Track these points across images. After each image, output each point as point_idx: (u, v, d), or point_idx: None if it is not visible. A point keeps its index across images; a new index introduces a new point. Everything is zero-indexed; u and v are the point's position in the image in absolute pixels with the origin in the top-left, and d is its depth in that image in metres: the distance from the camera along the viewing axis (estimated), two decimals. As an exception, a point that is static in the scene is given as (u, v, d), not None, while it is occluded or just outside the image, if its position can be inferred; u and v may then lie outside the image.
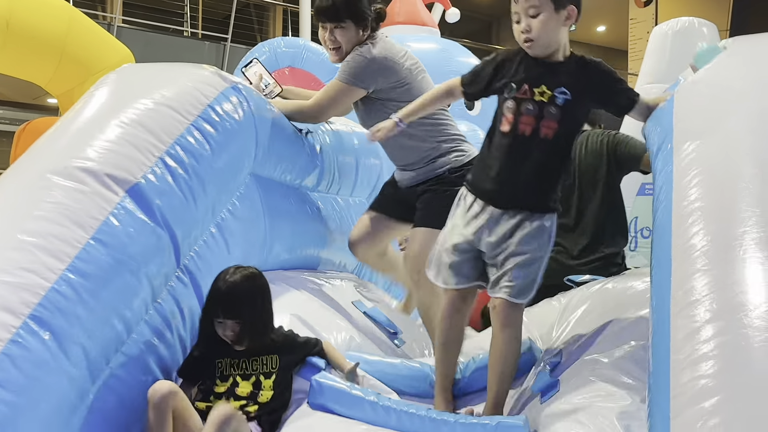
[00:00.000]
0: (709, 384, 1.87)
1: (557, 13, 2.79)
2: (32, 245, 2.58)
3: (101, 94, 3.26)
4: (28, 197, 2.79)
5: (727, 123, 2.56)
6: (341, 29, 3.78)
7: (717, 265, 2.14)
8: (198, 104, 3.24)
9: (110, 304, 2.73)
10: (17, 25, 6.64)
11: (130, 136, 3.01)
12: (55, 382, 2.49)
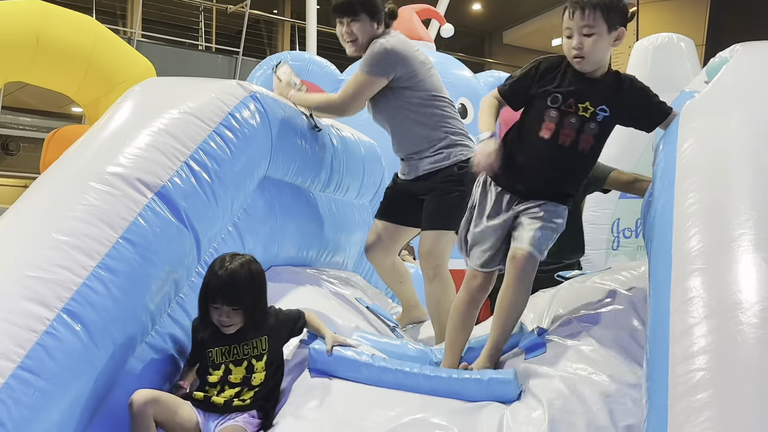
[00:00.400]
0: (705, 377, 1.87)
1: (609, 34, 2.80)
2: (66, 244, 2.62)
3: (129, 105, 3.28)
4: (63, 200, 2.81)
5: (727, 126, 2.55)
6: (357, 23, 3.79)
7: (714, 265, 2.13)
8: (220, 112, 3.27)
9: (137, 298, 2.77)
10: (47, 41, 6.67)
11: (158, 142, 3.04)
12: (86, 371, 2.53)
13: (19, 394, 2.30)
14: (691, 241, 2.24)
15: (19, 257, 2.59)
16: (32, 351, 2.36)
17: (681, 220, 2.34)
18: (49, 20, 6.78)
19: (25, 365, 2.32)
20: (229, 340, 2.84)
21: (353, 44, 3.85)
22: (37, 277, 2.51)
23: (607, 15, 2.76)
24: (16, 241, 2.69)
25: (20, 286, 2.48)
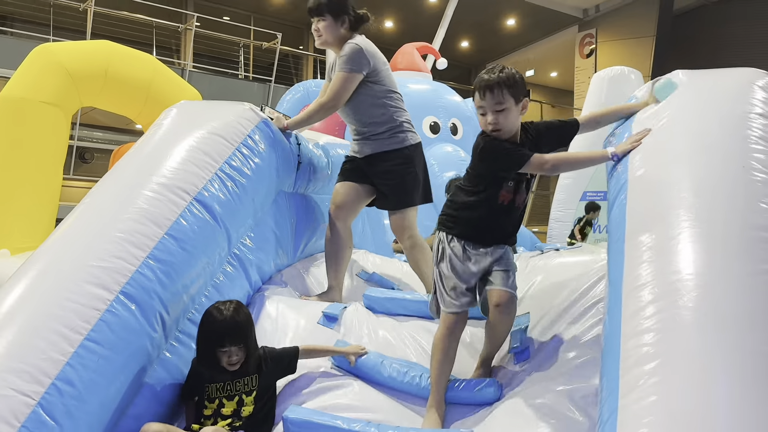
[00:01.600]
0: (651, 351, 1.87)
1: (516, 106, 2.72)
2: (122, 239, 2.67)
3: (168, 123, 3.32)
4: (119, 204, 2.85)
5: (671, 141, 2.53)
6: (324, 21, 3.73)
7: (659, 257, 2.12)
8: (240, 134, 3.32)
9: (180, 282, 2.81)
10: (114, 75, 6.76)
11: (193, 158, 3.08)
12: (139, 342, 2.58)
13: (86, 360, 2.34)
14: (640, 237, 2.24)
15: (85, 250, 2.62)
16: (96, 326, 2.40)
17: (632, 220, 2.34)
18: (116, 58, 6.86)
19: (90, 337, 2.37)
20: (224, 378, 2.71)
21: (319, 38, 3.79)
22: (99, 266, 2.55)
23: (512, 91, 2.69)
24: (82, 237, 2.71)
25: (86, 274, 2.52)
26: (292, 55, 19.03)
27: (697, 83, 2.84)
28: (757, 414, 1.66)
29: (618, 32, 20.67)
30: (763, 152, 2.33)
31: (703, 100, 2.71)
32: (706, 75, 2.88)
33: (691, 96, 2.78)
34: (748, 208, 2.15)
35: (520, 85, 2.73)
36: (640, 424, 1.70)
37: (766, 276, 1.95)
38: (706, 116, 2.59)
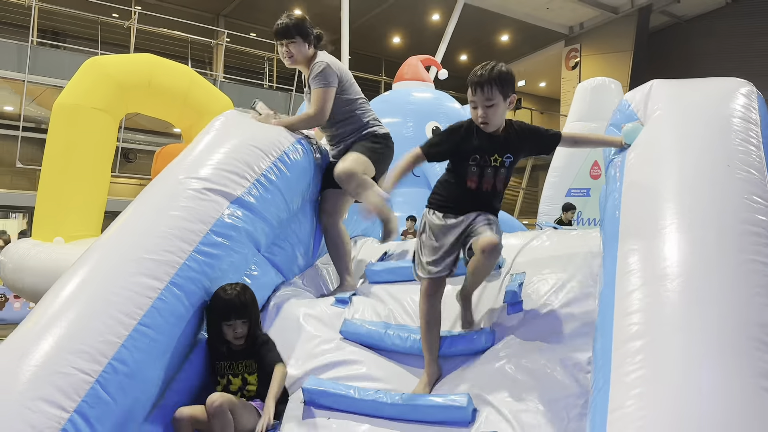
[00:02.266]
0: (640, 329, 1.89)
1: (505, 102, 2.67)
2: (171, 234, 2.67)
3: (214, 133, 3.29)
4: (168, 202, 2.83)
5: (660, 145, 2.52)
6: (294, 44, 3.62)
7: (648, 246, 2.13)
8: (278, 149, 3.27)
9: (222, 272, 2.80)
10: (156, 84, 6.78)
11: (235, 165, 3.06)
12: (184, 326, 2.58)
13: (139, 342, 2.35)
14: (631, 228, 2.25)
15: (138, 244, 2.63)
16: (148, 312, 2.41)
17: (625, 212, 2.33)
18: (158, 69, 6.89)
19: (143, 322, 2.38)
20: (230, 357, 2.68)
21: (291, 59, 3.66)
22: (151, 258, 2.56)
23: (501, 88, 2.62)
24: (135, 233, 2.71)
25: (139, 266, 2.52)
26: (310, 66, 18.97)
27: (685, 91, 2.82)
28: (735, 384, 1.67)
29: (600, 47, 20.64)
30: (745, 152, 2.32)
31: (691, 105, 2.69)
32: (693, 83, 2.86)
33: (680, 101, 2.76)
34: (733, 203, 2.14)
35: (509, 83, 2.68)
36: (630, 394, 1.73)
37: (749, 265, 1.95)
38: (693, 119, 2.57)
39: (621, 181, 2.47)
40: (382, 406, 2.49)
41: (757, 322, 1.80)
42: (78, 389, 2.10)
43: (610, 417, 1.74)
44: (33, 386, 2.06)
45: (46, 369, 2.11)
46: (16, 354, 2.19)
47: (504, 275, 3.03)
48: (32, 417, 2.00)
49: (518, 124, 2.82)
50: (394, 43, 21.61)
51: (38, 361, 2.13)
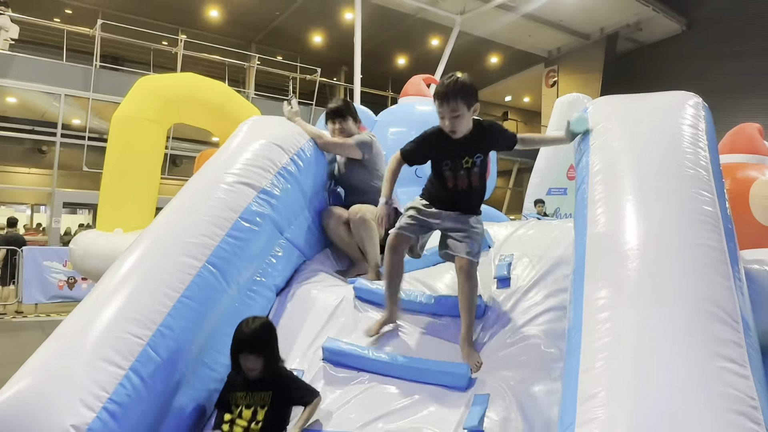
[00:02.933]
0: (606, 303, 1.88)
1: (469, 111, 2.56)
2: (206, 221, 2.66)
3: (242, 135, 3.25)
4: (204, 195, 2.83)
5: (618, 144, 2.49)
6: (346, 122, 3.59)
7: (611, 226, 2.13)
8: (295, 145, 3.23)
9: (250, 254, 2.79)
10: (197, 98, 6.77)
11: (260, 162, 3.03)
12: (220, 298, 2.58)
13: (181, 311, 2.36)
14: (597, 216, 2.23)
15: (180, 230, 2.63)
16: (189, 286, 2.42)
17: (592, 202, 2.31)
18: (198, 86, 6.89)
19: (185, 294, 2.39)
20: (246, 388, 2.31)
21: (342, 133, 3.58)
22: (191, 242, 2.56)
23: (465, 100, 2.50)
24: (178, 221, 2.71)
25: (181, 248, 2.53)
26: (327, 84, 19.01)
27: (641, 100, 2.79)
28: (687, 347, 1.67)
29: (574, 68, 20.63)
30: (692, 153, 2.31)
31: (646, 113, 2.66)
32: (648, 96, 2.83)
33: (635, 109, 2.73)
34: (683, 196, 2.13)
35: (472, 93, 2.54)
36: (598, 357, 1.73)
37: (698, 248, 1.95)
38: (648, 126, 2.55)
39: (587, 180, 2.44)
40: (393, 366, 2.48)
41: (705, 296, 1.80)
42: (132, 351, 2.12)
43: (581, 377, 1.74)
44: (95, 349, 2.09)
45: (105, 334, 2.14)
46: (82, 323, 2.22)
47: (494, 256, 3.01)
48: (95, 374, 2.02)
49: (487, 123, 2.71)
50: (400, 64, 21.58)
51: (99, 328, 2.16)
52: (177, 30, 16.71)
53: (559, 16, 18.50)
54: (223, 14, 18.42)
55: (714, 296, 1.80)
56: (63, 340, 2.17)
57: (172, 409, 2.29)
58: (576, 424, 1.61)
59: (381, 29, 18.03)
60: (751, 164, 6.44)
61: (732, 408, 1.51)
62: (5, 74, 12.93)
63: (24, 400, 1.97)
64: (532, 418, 2.15)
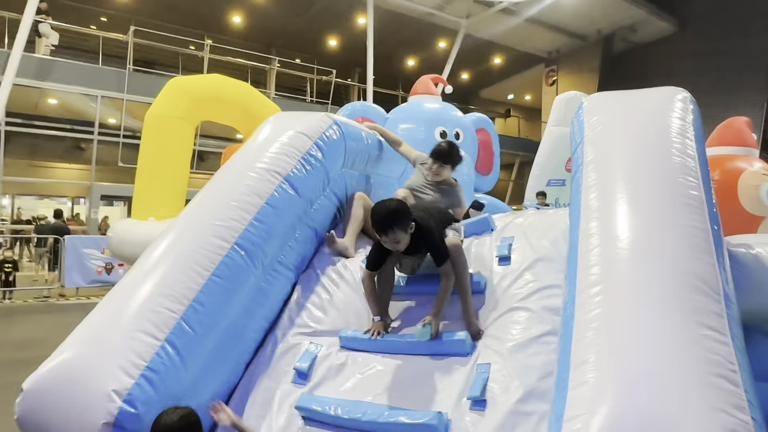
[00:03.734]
0: (598, 278, 1.89)
1: (406, 233, 2.48)
2: (235, 207, 2.65)
3: (268, 127, 3.24)
4: (233, 181, 2.83)
5: (606, 135, 2.49)
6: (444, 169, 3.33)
7: (604, 214, 2.12)
8: (317, 131, 3.16)
9: (274, 236, 2.77)
10: (222, 97, 6.79)
11: (284, 150, 3.00)
12: (247, 277, 2.57)
13: (212, 289, 2.37)
14: (590, 200, 2.22)
15: (211, 215, 2.63)
16: (219, 266, 2.43)
17: (585, 188, 2.31)
18: (223, 86, 6.89)
19: (215, 273, 2.40)
20: None
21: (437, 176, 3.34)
22: (221, 225, 2.56)
23: (400, 226, 2.44)
24: (208, 206, 2.71)
25: (212, 230, 2.54)
26: (342, 85, 18.99)
27: (633, 96, 2.77)
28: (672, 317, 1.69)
29: (573, 68, 20.44)
30: (680, 143, 2.30)
31: (637, 107, 2.64)
32: (638, 91, 2.82)
33: (627, 103, 2.71)
34: (671, 182, 2.13)
35: (404, 217, 2.47)
36: (590, 327, 1.75)
37: (684, 228, 1.95)
38: (639, 119, 2.53)
39: (581, 169, 2.44)
40: (398, 344, 2.49)
41: (689, 271, 1.81)
42: (167, 324, 2.16)
43: (574, 345, 1.76)
44: (133, 322, 2.13)
45: (143, 309, 2.18)
46: (121, 299, 2.25)
47: (496, 238, 3.01)
48: (134, 344, 2.07)
49: (426, 230, 2.56)
50: (409, 65, 21.49)
51: (137, 303, 2.20)
52: (203, 35, 16.78)
53: (558, 19, 18.33)
54: (246, 20, 18.43)
55: (697, 271, 1.81)
56: (103, 315, 2.21)
57: (206, 379, 2.33)
58: (569, 387, 1.64)
59: (392, 33, 17.94)
60: (740, 156, 6.38)
61: (712, 371, 1.53)
62: (47, 77, 13.06)
63: (68, 368, 2.02)
64: (530, 385, 2.16)
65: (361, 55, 16.07)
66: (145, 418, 1.96)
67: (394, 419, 2.14)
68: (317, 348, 2.61)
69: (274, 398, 2.44)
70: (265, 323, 2.76)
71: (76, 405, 1.94)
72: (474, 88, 24.19)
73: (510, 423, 2.05)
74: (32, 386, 2.02)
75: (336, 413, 2.21)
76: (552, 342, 2.27)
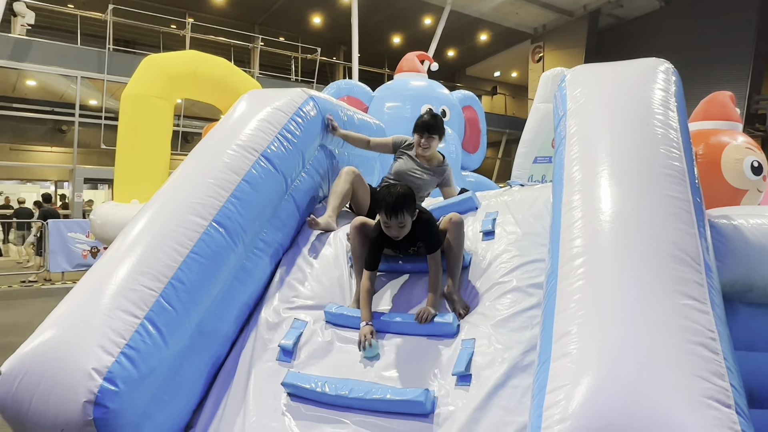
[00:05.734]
0: (580, 251, 1.88)
1: (412, 216, 2.53)
2: (212, 184, 2.62)
3: (244, 104, 3.16)
4: (209, 159, 2.77)
5: (592, 110, 2.46)
6: (433, 140, 3.25)
7: (586, 188, 2.10)
8: (293, 106, 3.12)
9: (253, 213, 2.72)
10: (200, 74, 6.68)
11: (261, 126, 2.95)
12: (227, 254, 2.54)
13: (191, 266, 2.34)
14: (573, 173, 2.21)
15: (187, 193, 2.58)
16: (197, 243, 2.39)
17: (568, 161, 2.29)
18: (200, 62, 6.79)
19: (193, 250, 2.37)
20: None
21: (427, 150, 3.26)
22: (198, 202, 2.52)
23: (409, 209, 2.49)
24: (185, 185, 2.66)
25: (189, 208, 2.50)
26: (327, 63, 18.77)
27: (615, 67, 2.75)
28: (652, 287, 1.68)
29: (559, 44, 20.36)
30: (662, 114, 2.29)
31: (619, 77, 2.62)
32: (621, 63, 2.79)
33: (609, 75, 2.69)
34: (652, 153, 2.12)
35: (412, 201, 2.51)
36: (572, 299, 1.74)
37: (665, 199, 1.95)
38: (619, 88, 2.51)
39: (564, 142, 2.42)
40: (388, 324, 2.48)
41: (669, 241, 1.81)
42: (146, 301, 2.12)
43: (556, 317, 1.75)
44: (112, 300, 2.09)
45: (121, 287, 2.14)
46: (99, 278, 2.21)
47: (480, 214, 3.00)
48: (113, 323, 2.03)
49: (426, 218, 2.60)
50: (395, 43, 21.29)
51: (115, 282, 2.16)
52: (184, 14, 16.43)
53: (545, -6, 18.20)
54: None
55: (678, 242, 1.81)
56: (82, 294, 2.17)
57: (188, 357, 2.31)
58: (552, 358, 1.64)
59: (377, 10, 17.71)
60: (723, 130, 6.40)
61: (692, 339, 1.53)
62: (24, 58, 12.74)
63: (49, 348, 1.99)
64: (514, 359, 2.18)
65: (346, 33, 15.84)
66: (127, 395, 1.94)
67: (381, 396, 2.14)
68: (302, 325, 2.59)
69: (259, 375, 2.43)
70: (249, 300, 2.74)
71: (57, 385, 1.91)
72: (460, 65, 24.05)
73: (495, 396, 2.07)
74: (11, 369, 1.99)
75: (323, 390, 2.21)
76: (536, 316, 2.28)
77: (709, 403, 1.43)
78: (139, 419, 2.02)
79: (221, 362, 2.54)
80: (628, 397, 1.44)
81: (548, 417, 1.49)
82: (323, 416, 2.19)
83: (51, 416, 1.89)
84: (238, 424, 2.24)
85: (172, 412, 2.22)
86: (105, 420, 1.88)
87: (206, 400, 2.39)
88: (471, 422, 2.01)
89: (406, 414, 2.11)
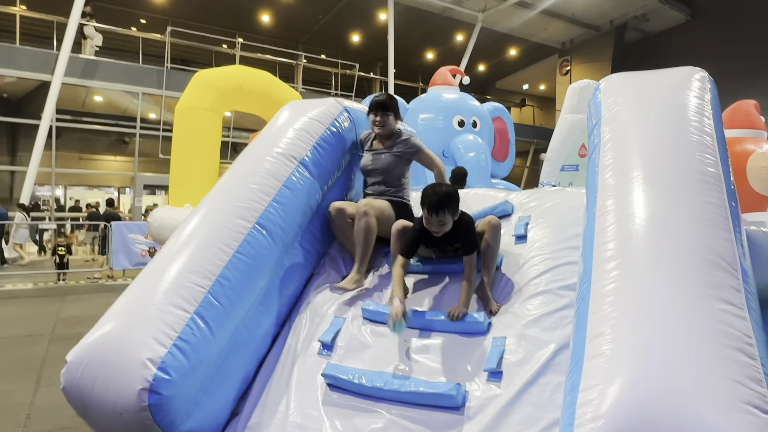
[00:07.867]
0: (614, 254, 1.82)
1: (453, 217, 2.46)
2: (255, 189, 2.63)
3: (284, 114, 3.15)
4: (252, 166, 2.78)
5: (626, 117, 2.35)
6: (387, 116, 3.12)
7: (620, 193, 2.02)
8: (329, 117, 3.10)
9: (293, 215, 2.73)
10: (246, 87, 6.78)
11: (299, 135, 2.94)
12: (269, 254, 2.54)
13: (237, 265, 2.35)
14: (607, 179, 2.13)
15: (232, 197, 2.59)
16: (242, 244, 2.41)
17: (602, 168, 2.21)
18: (246, 76, 6.90)
19: (238, 251, 2.38)
20: None
21: (383, 128, 3.15)
22: (241, 206, 2.53)
23: (450, 210, 2.42)
24: (230, 189, 2.67)
25: (233, 211, 2.51)
26: (365, 78, 18.87)
27: (649, 76, 2.63)
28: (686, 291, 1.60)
29: (586, 58, 19.96)
30: (698, 121, 2.18)
31: (653, 85, 2.51)
32: (657, 72, 2.68)
33: (644, 83, 2.57)
34: (687, 159, 2.02)
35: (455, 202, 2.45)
36: (606, 301, 1.67)
37: (700, 204, 1.85)
38: (656, 98, 2.40)
39: (598, 148, 2.33)
40: (422, 320, 2.43)
41: (706, 246, 1.71)
42: (196, 297, 2.14)
43: (590, 318, 1.68)
44: (165, 296, 2.12)
45: (173, 284, 2.16)
46: (153, 276, 2.24)
47: (514, 217, 2.94)
48: (166, 317, 2.05)
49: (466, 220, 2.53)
50: (428, 58, 21.26)
51: (167, 279, 2.18)
52: (234, 34, 16.80)
53: (572, 10, 17.89)
54: (274, 19, 18.44)
55: (714, 246, 1.70)
56: (138, 291, 2.21)
57: (234, 350, 2.32)
58: (585, 358, 1.56)
59: (411, 28, 17.77)
60: (748, 138, 6.15)
61: (728, 344, 1.43)
62: (92, 76, 13.25)
63: (108, 340, 2.02)
64: (545, 357, 2.10)
65: (382, 50, 15.92)
66: (178, 383, 1.96)
67: (414, 389, 2.11)
68: (341, 322, 2.57)
69: (300, 368, 2.42)
70: (290, 299, 2.75)
71: (115, 373, 1.94)
72: (490, 78, 23.84)
73: (525, 393, 2.01)
74: (75, 358, 2.03)
75: (359, 381, 2.20)
76: (567, 317, 2.20)
77: (747, 408, 1.33)
78: (189, 406, 2.04)
79: (264, 355, 2.54)
80: (660, 397, 1.36)
81: (581, 415, 1.42)
82: (359, 406, 2.17)
83: (111, 402, 1.92)
84: (280, 412, 2.23)
85: (220, 400, 2.22)
86: (159, 406, 1.91)
87: (251, 389, 2.40)
88: (501, 417, 1.96)
89: (438, 407, 2.07)
